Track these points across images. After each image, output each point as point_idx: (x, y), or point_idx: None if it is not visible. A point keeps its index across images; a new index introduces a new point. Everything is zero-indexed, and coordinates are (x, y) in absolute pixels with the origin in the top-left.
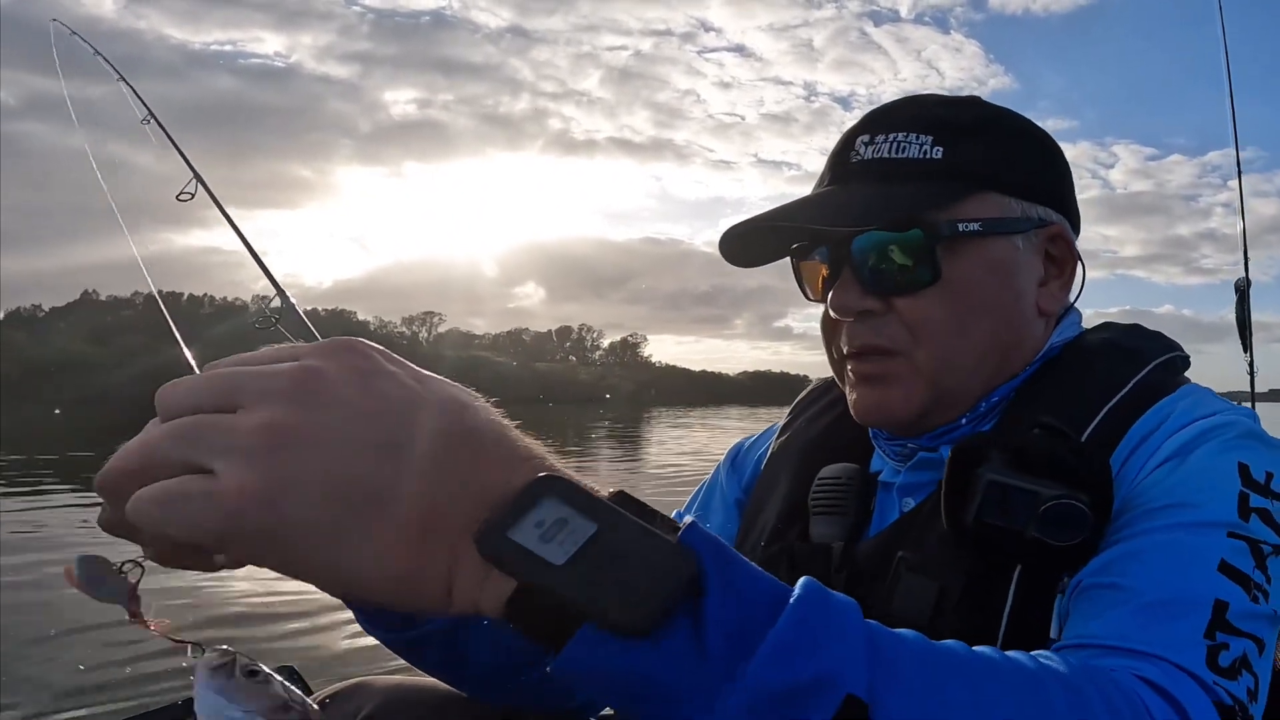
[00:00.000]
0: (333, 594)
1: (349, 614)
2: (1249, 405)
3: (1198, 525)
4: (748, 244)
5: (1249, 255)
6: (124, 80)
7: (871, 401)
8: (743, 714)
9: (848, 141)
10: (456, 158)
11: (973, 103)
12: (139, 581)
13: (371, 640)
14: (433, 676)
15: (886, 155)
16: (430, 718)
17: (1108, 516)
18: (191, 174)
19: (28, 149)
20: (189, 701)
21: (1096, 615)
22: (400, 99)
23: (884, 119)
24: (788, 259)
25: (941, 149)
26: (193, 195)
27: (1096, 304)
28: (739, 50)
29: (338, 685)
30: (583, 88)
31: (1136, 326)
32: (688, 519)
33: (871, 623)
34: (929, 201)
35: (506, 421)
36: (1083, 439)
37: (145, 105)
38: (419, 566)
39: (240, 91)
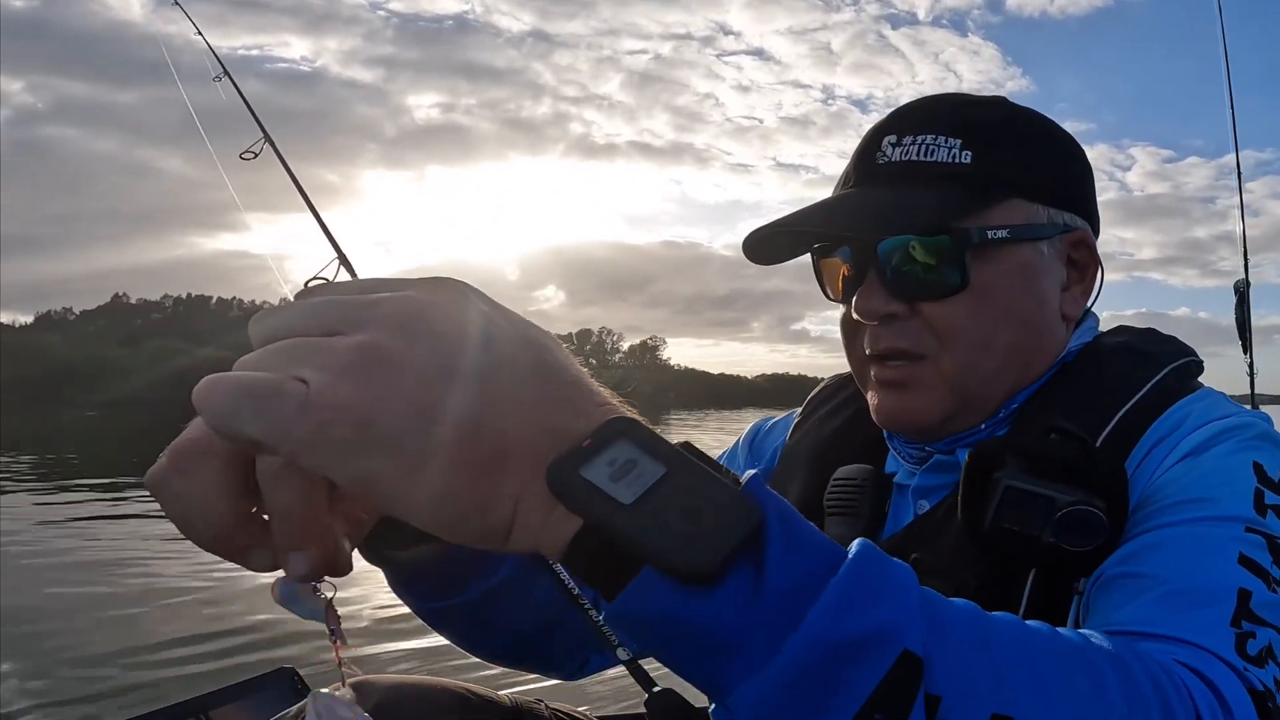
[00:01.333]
0: (394, 514)
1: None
2: (1249, 407)
3: (1216, 519)
4: (770, 242)
5: (1249, 258)
6: (200, 34)
7: (894, 406)
8: (798, 665)
9: (873, 141)
10: (479, 162)
11: (999, 103)
12: (332, 598)
13: (371, 647)
14: (455, 644)
15: (915, 158)
16: (430, 716)
17: (1123, 522)
18: (261, 134)
19: (58, 154)
20: (187, 702)
21: (1122, 604)
22: (424, 103)
23: (911, 119)
24: (806, 258)
25: (970, 153)
26: (256, 155)
27: (1113, 306)
28: (758, 54)
29: (336, 686)
30: (603, 92)
31: (1151, 330)
32: (750, 473)
33: (926, 588)
34: (958, 207)
35: (584, 369)
36: (1098, 443)
37: (220, 61)
38: (486, 497)
39: (267, 96)
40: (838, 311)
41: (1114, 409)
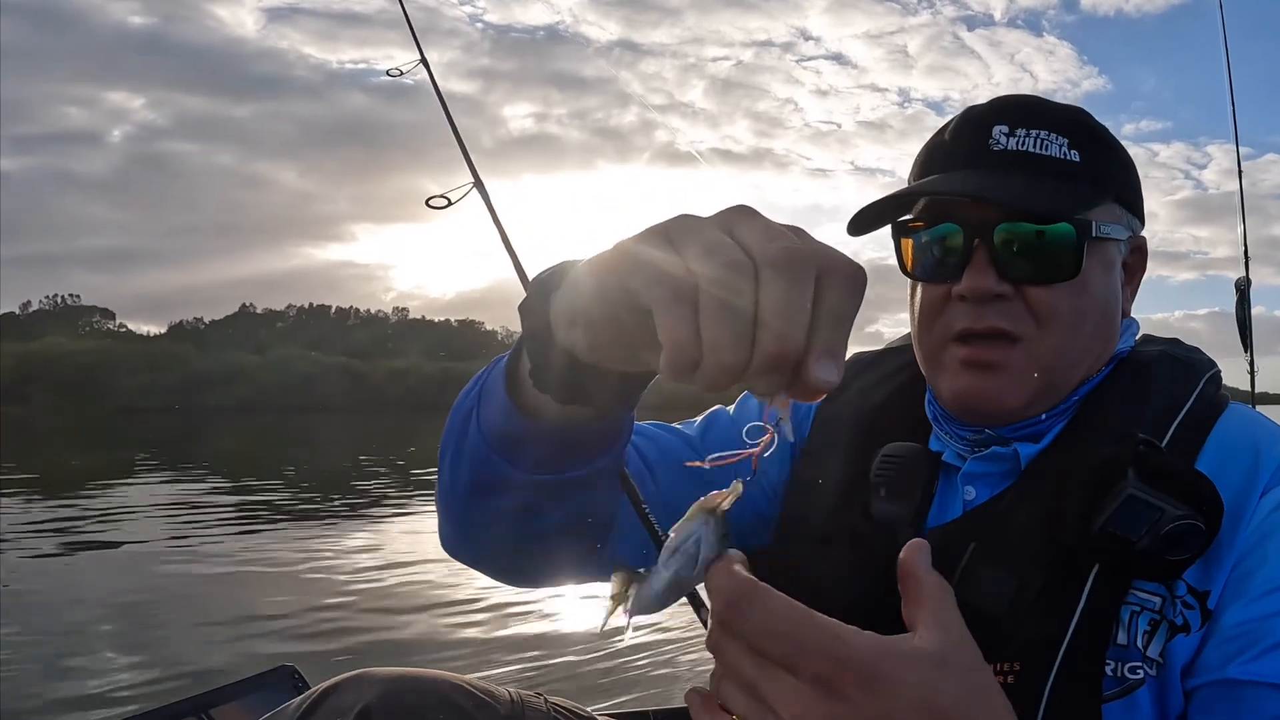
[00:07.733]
0: None
1: (347, 616)
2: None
3: None
4: (877, 212)
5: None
6: None
7: (980, 387)
8: None
9: (982, 128)
10: (568, 170)
11: (1081, 110)
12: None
13: (369, 639)
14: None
15: (1031, 149)
16: (430, 709)
17: (1213, 540)
18: (418, 54)
19: (178, 168)
20: (188, 700)
21: None
22: (519, 113)
23: (1020, 113)
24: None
25: (1077, 153)
26: (401, 73)
27: (1186, 305)
28: (836, 58)
29: (338, 677)
30: (688, 99)
31: (1177, 340)
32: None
33: None
34: (1077, 201)
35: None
36: (1163, 444)
37: None
38: None
39: (372, 108)
40: (904, 288)
41: (1171, 415)
